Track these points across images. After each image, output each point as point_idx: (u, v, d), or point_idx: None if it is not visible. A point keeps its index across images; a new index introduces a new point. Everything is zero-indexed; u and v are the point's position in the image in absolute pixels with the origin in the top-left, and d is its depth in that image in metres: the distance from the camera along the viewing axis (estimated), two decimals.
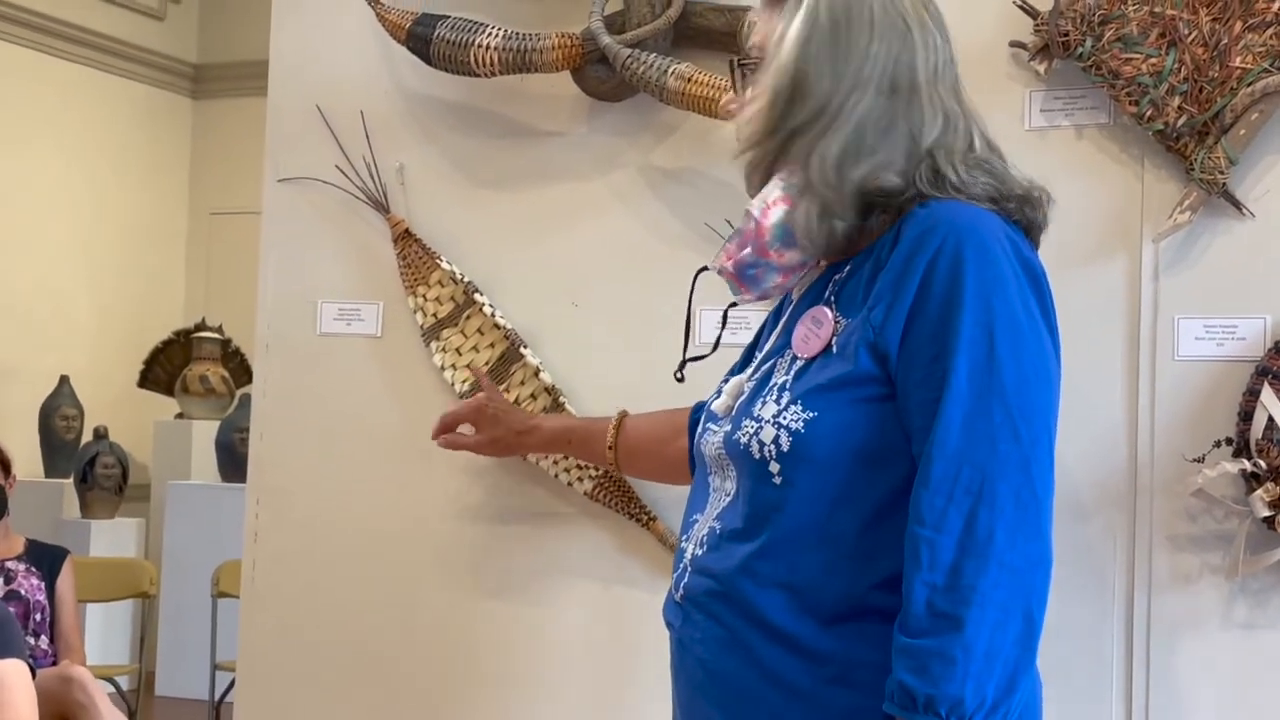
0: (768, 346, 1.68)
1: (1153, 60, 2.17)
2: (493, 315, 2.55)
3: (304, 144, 2.69)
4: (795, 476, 1.52)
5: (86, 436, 6.90)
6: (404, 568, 2.60)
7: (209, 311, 7.60)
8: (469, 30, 2.45)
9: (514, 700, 2.54)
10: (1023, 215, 1.61)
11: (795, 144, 1.59)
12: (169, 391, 7.35)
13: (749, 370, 1.68)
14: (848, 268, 1.60)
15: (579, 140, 2.55)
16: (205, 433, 7.06)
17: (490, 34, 2.44)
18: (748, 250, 1.62)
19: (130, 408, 7.35)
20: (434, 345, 2.58)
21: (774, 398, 1.57)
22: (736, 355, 1.88)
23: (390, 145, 2.64)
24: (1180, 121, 2.16)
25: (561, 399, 2.50)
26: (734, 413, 1.63)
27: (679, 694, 1.67)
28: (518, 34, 2.43)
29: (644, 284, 2.49)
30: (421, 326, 2.59)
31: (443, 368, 2.57)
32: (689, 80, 2.32)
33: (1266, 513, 2.09)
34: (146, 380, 7.42)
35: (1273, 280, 2.17)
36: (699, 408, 2.00)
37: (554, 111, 2.56)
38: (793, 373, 1.57)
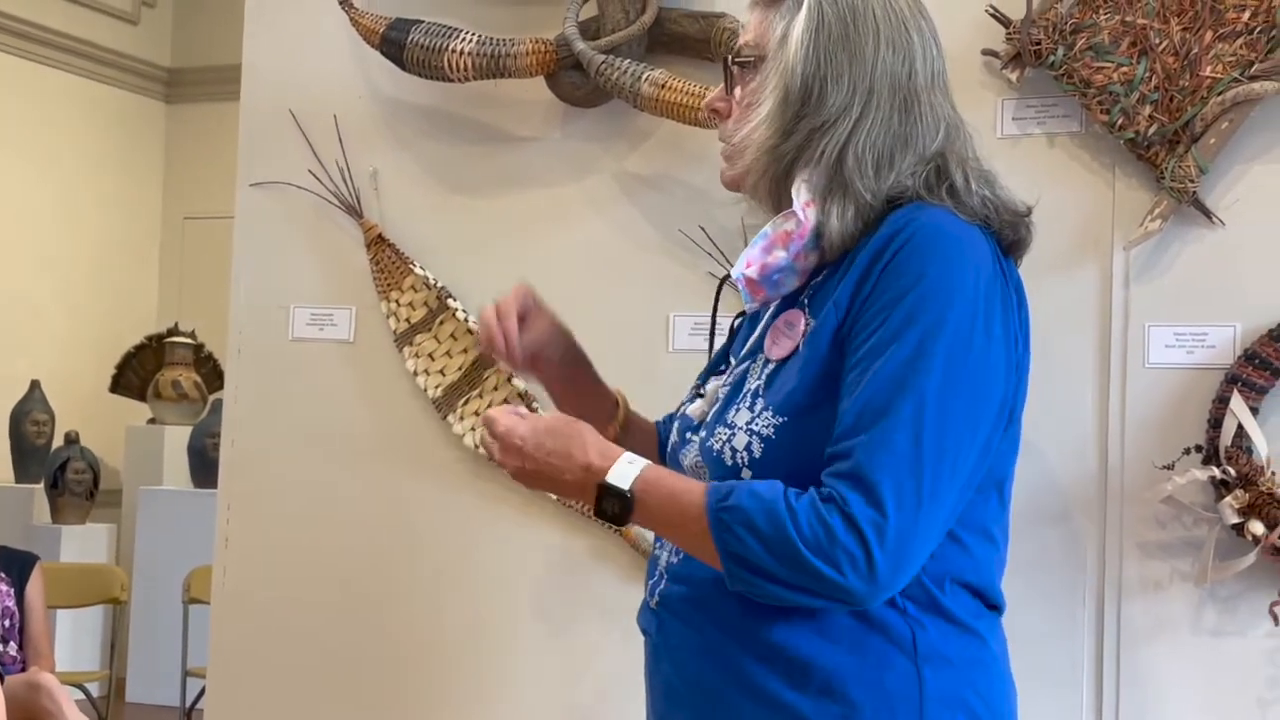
0: (744, 351, 1.66)
1: (1124, 69, 2.18)
2: (466, 320, 2.55)
3: (277, 148, 2.68)
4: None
5: (57, 441, 6.85)
6: (376, 573, 2.60)
7: (181, 316, 7.57)
8: (443, 35, 2.45)
9: (487, 705, 2.53)
10: (1013, 232, 1.60)
11: (816, 144, 1.55)
12: (141, 396, 7.32)
13: (725, 375, 1.67)
14: (824, 272, 1.58)
15: (553, 146, 2.55)
16: (177, 438, 7.02)
17: (464, 39, 2.44)
18: (781, 255, 1.57)
19: (102, 413, 7.30)
20: (407, 350, 2.57)
21: (747, 404, 1.55)
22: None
23: (364, 150, 2.64)
24: (1151, 130, 2.17)
25: (535, 404, 2.50)
26: (708, 419, 1.62)
27: (654, 701, 1.66)
28: (492, 39, 2.43)
29: (618, 290, 2.49)
30: (394, 332, 2.58)
31: (415, 373, 2.57)
32: (663, 86, 2.32)
33: (1235, 519, 2.10)
34: (118, 385, 7.38)
35: (1242, 288, 2.18)
36: (666, 419, 1.95)
37: (528, 117, 2.56)
38: (764, 377, 1.56)
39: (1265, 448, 2.11)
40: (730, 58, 1.65)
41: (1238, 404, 2.11)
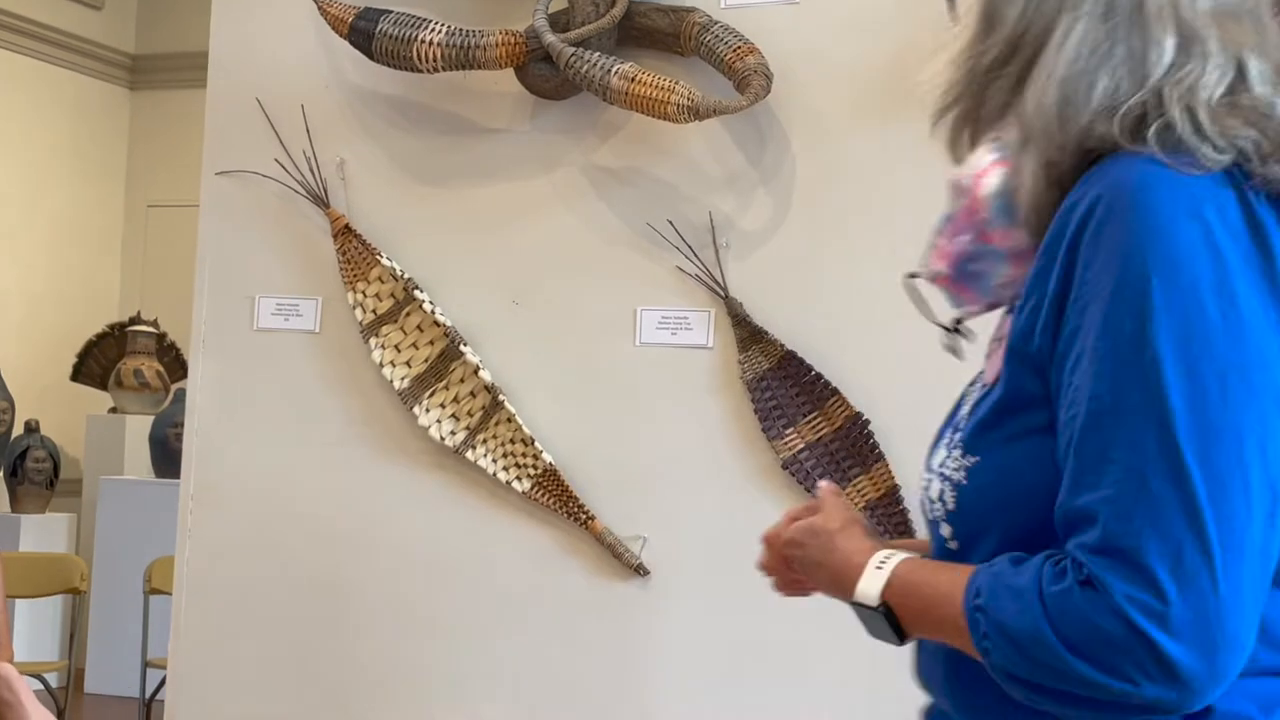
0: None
1: None
2: (432, 312, 2.54)
3: (243, 137, 2.66)
4: (965, 538, 1.20)
5: (17, 430, 6.80)
6: (339, 565, 2.59)
7: (144, 305, 7.52)
8: (412, 25, 2.44)
9: (449, 694, 2.53)
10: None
11: (995, 89, 1.22)
12: (102, 385, 7.27)
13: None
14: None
15: (522, 138, 2.55)
16: (139, 427, 6.98)
17: (433, 29, 2.43)
18: (964, 237, 1.22)
19: (63, 401, 7.25)
20: (373, 342, 2.56)
21: (946, 440, 1.23)
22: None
23: (331, 140, 2.62)
24: None
25: (501, 397, 2.49)
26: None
27: None
28: (461, 30, 2.42)
29: (585, 283, 2.49)
30: (360, 323, 2.57)
31: (381, 364, 2.56)
32: (632, 80, 2.32)
33: None
34: (79, 373, 7.33)
35: None
36: None
37: (497, 109, 2.56)
38: (969, 405, 1.23)
39: None
40: None
41: None
